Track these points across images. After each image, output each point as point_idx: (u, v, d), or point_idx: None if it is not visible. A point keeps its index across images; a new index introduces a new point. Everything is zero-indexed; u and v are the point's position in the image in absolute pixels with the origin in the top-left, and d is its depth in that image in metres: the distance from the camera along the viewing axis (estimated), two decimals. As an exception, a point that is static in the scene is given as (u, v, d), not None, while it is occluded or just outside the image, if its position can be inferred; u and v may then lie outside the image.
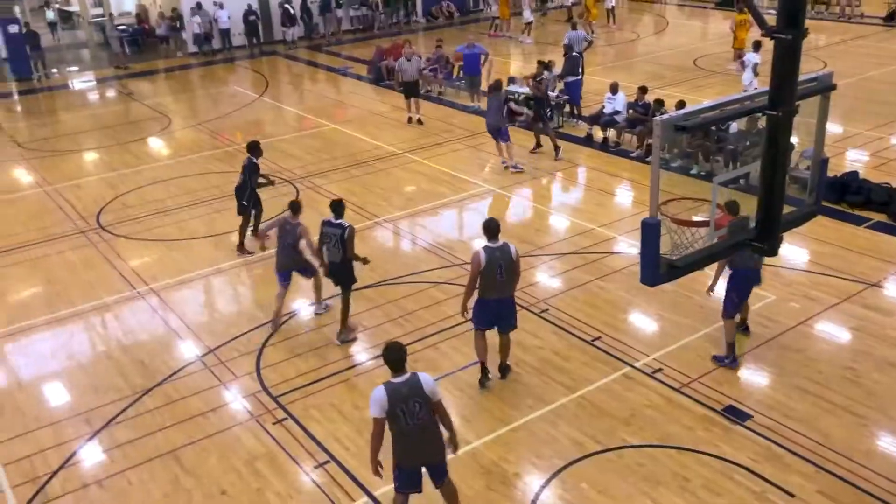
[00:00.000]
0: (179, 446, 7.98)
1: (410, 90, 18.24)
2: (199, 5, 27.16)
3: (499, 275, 8.17)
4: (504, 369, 8.83)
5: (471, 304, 8.47)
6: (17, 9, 25.73)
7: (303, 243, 9.76)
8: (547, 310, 10.19)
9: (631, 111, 16.08)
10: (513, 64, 24.49)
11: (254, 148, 11.92)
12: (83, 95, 24.32)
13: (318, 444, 7.94)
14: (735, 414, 8.10)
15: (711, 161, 14.65)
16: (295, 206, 9.88)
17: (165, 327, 10.30)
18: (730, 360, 8.80)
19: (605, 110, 16.51)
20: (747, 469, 7.34)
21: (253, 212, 12.07)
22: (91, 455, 7.99)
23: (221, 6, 27.28)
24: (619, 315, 10.12)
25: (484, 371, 8.68)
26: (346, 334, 9.68)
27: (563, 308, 10.21)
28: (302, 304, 10.69)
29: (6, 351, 9.97)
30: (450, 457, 6.48)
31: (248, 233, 12.13)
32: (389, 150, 16.69)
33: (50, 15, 31.90)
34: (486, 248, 8.17)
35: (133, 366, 9.44)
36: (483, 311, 8.42)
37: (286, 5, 28.30)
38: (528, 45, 26.97)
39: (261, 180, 12.13)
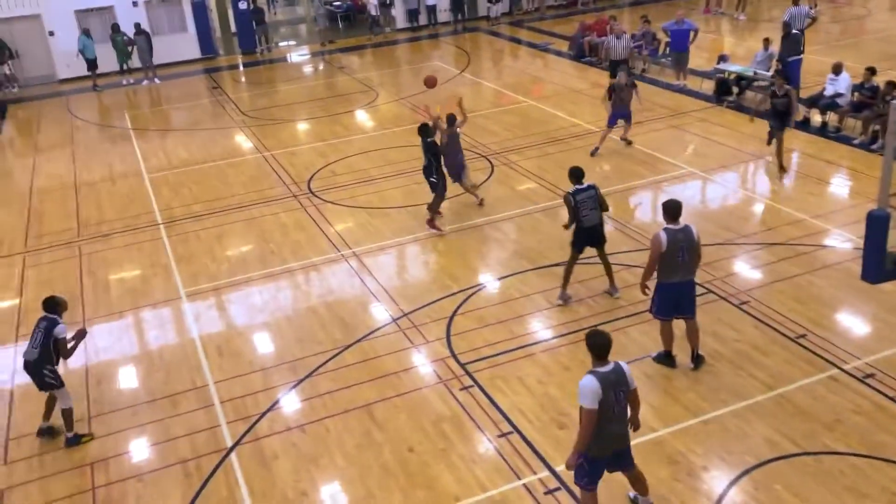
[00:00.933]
0: (373, 401, 8.45)
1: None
2: (409, -18, 28.05)
3: (680, 257, 7.91)
4: (697, 359, 8.51)
5: (650, 291, 8.26)
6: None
7: None
8: (748, 301, 9.68)
9: (856, 94, 14.76)
10: (726, 41, 23.23)
11: (424, 130, 12.11)
12: (299, 68, 25.99)
13: (503, 413, 8.09)
14: (960, 432, 7.31)
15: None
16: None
17: (364, 289, 10.88)
18: None
19: (825, 92, 15.28)
20: (971, 493, 6.62)
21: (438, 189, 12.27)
22: (294, 401, 8.65)
23: (429, -18, 28.03)
24: (829, 313, 9.40)
25: (670, 358, 8.48)
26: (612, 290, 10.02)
27: (766, 301, 9.65)
28: (489, 278, 10.87)
29: (227, 300, 10.97)
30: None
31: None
32: (587, 127, 16.46)
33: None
34: (666, 230, 7.93)
35: (334, 322, 10.07)
36: (665, 296, 8.17)
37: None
38: (741, 22, 25.45)
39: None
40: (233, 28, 28.38)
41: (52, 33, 24.62)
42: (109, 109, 22.04)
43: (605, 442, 6.07)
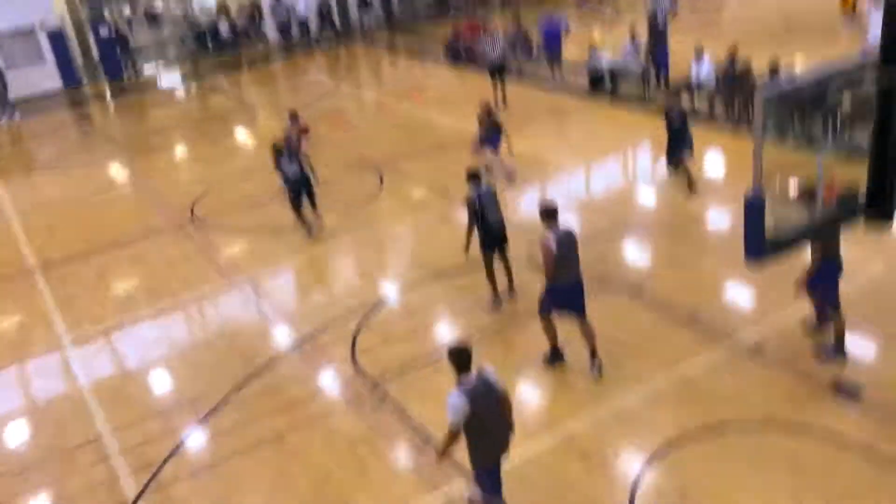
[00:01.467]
0: (283, 432, 8.18)
1: (497, 71, 17.95)
2: (277, -2, 27.62)
3: (569, 257, 8.00)
4: (594, 357, 8.40)
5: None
6: (106, 12, 26.71)
7: None
8: (641, 288, 9.97)
9: (719, 76, 15.51)
10: (596, 33, 24.00)
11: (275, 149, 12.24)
12: (171, 92, 25.11)
13: (416, 428, 7.99)
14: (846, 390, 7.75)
15: (807, 125, 13.99)
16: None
17: (261, 315, 10.57)
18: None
19: (691, 76, 16.00)
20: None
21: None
22: (199, 442, 8.28)
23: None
24: (717, 291, 9.81)
25: (558, 354, 8.56)
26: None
27: (658, 287, 9.96)
28: (390, 291, 10.78)
29: (115, 342, 10.41)
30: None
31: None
32: (472, 131, 16.55)
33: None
34: (553, 231, 7.96)
35: (233, 353, 9.72)
36: (556, 297, 8.19)
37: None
38: (609, 14, 26.36)
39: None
40: (95, 55, 27.13)
41: None
42: (-34, 151, 20.64)
43: (491, 450, 6.08)
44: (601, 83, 17.89)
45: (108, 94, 25.24)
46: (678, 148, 12.30)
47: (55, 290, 11.89)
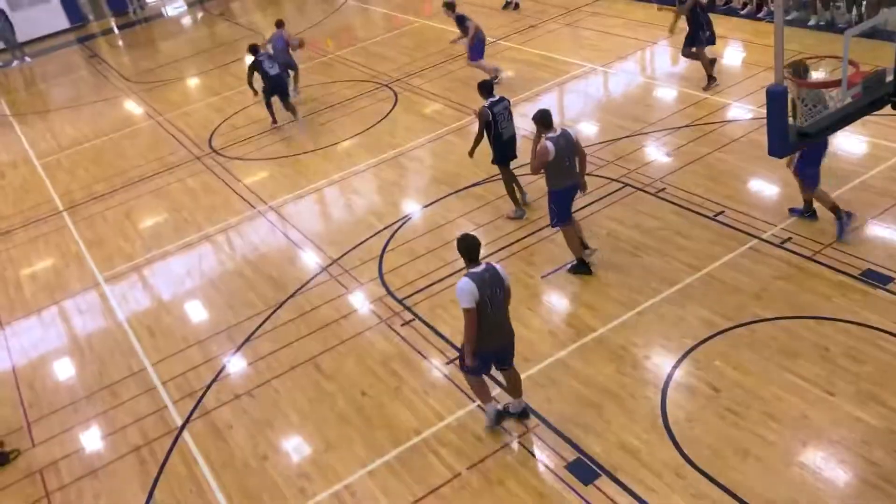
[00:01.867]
0: (317, 354, 8.39)
1: None
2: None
3: (567, 161, 8.11)
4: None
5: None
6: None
7: None
8: (664, 189, 9.88)
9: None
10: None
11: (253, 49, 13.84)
12: (178, 23, 24.72)
13: (447, 340, 8.15)
14: (874, 278, 7.72)
15: (832, 8, 13.49)
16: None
17: (288, 242, 10.67)
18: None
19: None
20: (891, 333, 7.04)
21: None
22: (238, 368, 8.52)
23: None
24: (741, 186, 9.70)
25: (584, 265, 8.60)
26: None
27: (682, 185, 9.87)
28: (412, 209, 10.80)
29: (148, 277, 10.62)
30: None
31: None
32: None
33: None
34: (549, 138, 8.00)
35: (264, 281, 9.89)
36: (562, 202, 8.32)
37: None
38: None
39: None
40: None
41: None
42: (-19, 97, 20.65)
43: (488, 335, 6.32)
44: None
45: (115, 28, 24.91)
46: (693, 37, 11.92)
47: (83, 231, 12.07)
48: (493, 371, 6.82)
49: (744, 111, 11.25)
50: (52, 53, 23.16)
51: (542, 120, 8.10)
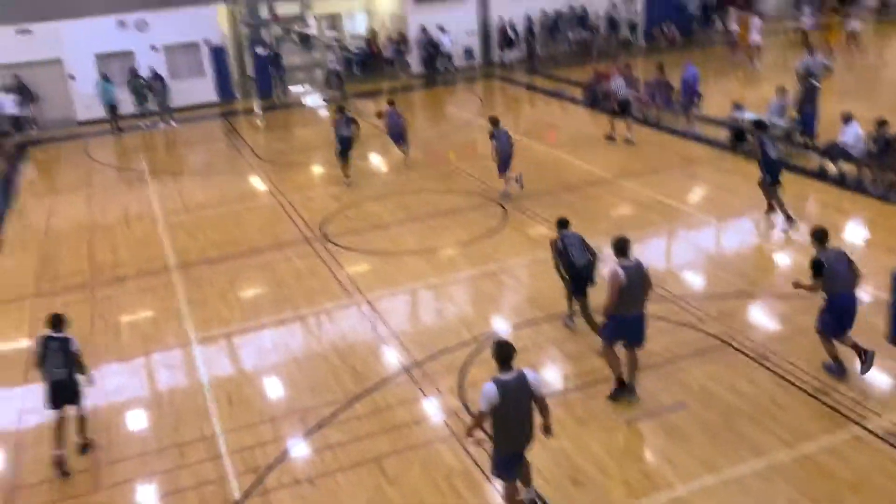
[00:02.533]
0: (384, 454, 8.28)
1: (623, 109, 18.22)
2: (423, 30, 28.49)
3: (637, 291, 8.38)
4: (631, 389, 8.77)
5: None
6: (264, 32, 28.29)
7: None
8: (766, 355, 9.50)
9: (869, 144, 14.70)
10: (741, 89, 23.31)
11: None
12: (314, 112, 26.23)
13: (516, 469, 7.89)
14: None
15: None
16: None
17: (376, 336, 10.78)
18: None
19: (838, 142, 15.24)
20: None
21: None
22: (304, 453, 8.50)
23: (443, 31, 28.43)
24: (851, 369, 9.20)
25: (624, 385, 8.74)
26: None
27: (786, 355, 9.46)
28: (503, 326, 10.76)
29: (238, 346, 10.89)
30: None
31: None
32: (600, 175, 16.46)
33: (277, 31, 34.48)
34: (622, 265, 8.34)
35: (346, 370, 9.96)
36: (618, 327, 8.54)
37: (506, 28, 28.88)
38: (755, 70, 25.56)
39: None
40: (250, 72, 28.72)
41: (72, 77, 25.04)
42: (126, 152, 22.30)
43: (510, 439, 6.68)
44: (743, 138, 17.33)
45: (257, 109, 26.65)
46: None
47: (189, 291, 12.59)
48: None
49: (861, 291, 10.80)
50: (197, 122, 24.93)
51: (619, 247, 8.45)
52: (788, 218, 12.91)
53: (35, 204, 18.23)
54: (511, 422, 6.52)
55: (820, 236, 8.81)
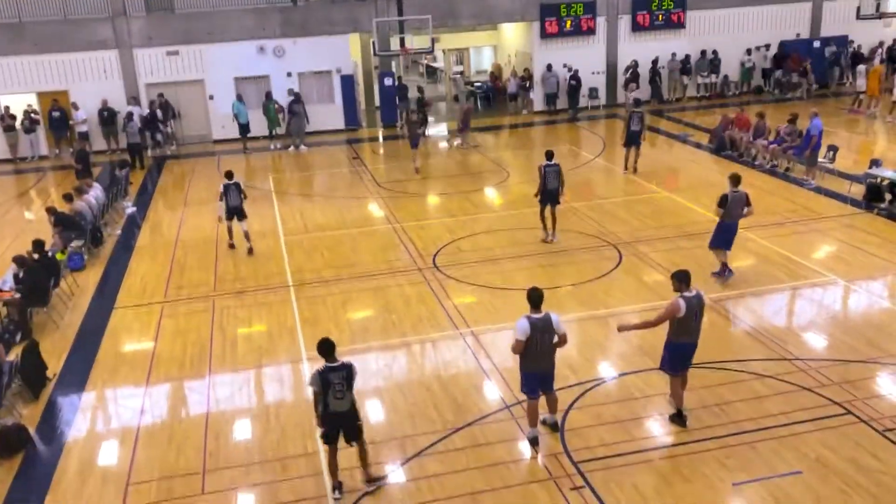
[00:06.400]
0: (479, 490, 8.23)
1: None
2: (549, 67, 28.61)
3: (695, 320, 8.80)
4: (681, 416, 9.15)
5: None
6: (393, 64, 29.16)
7: None
8: (893, 429, 8.87)
9: None
10: (877, 145, 22.15)
11: None
12: (436, 144, 26.70)
13: (613, 521, 7.69)
14: None
15: None
16: None
17: (479, 369, 10.78)
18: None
19: None
20: None
21: None
22: (401, 480, 8.55)
23: (569, 68, 28.46)
24: None
25: (681, 417, 9.15)
26: None
27: (915, 430, 8.83)
28: (610, 373, 10.53)
29: (344, 367, 11.11)
30: None
31: None
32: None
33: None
34: (684, 297, 8.68)
35: (447, 401, 9.99)
36: (677, 354, 8.99)
37: (631, 69, 28.61)
38: (894, 124, 24.23)
39: None
40: (376, 102, 29.63)
41: (211, 97, 26.56)
42: (255, 171, 23.36)
43: (533, 363, 8.62)
44: (879, 195, 16.43)
45: (380, 137, 27.41)
46: None
47: (303, 309, 13.00)
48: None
49: None
50: (323, 147, 25.88)
51: (681, 278, 8.77)
52: None
53: (167, 215, 19.34)
54: (535, 350, 8.43)
55: None
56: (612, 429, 9.19)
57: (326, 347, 8.13)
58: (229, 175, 15.80)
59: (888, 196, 16.44)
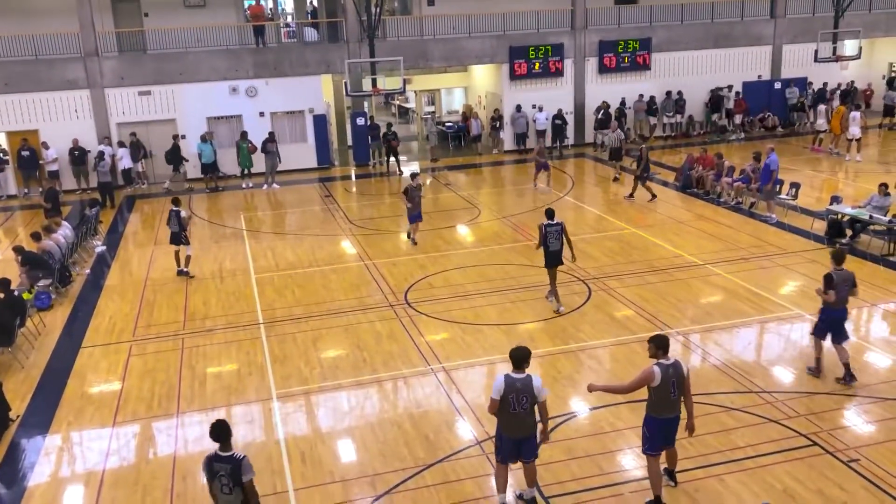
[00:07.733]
0: (450, 527, 8.18)
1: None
2: (518, 108, 29.07)
3: (673, 393, 8.00)
4: (672, 475, 8.67)
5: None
6: (365, 104, 29.43)
7: None
8: (858, 459, 9.01)
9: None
10: (840, 183, 22.71)
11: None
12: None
13: (585, 555, 7.68)
14: None
15: None
16: None
17: (450, 406, 10.77)
18: None
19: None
20: None
21: None
22: (371, 517, 8.49)
23: (540, 109, 28.95)
24: (951, 481, 8.63)
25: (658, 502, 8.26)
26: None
27: (881, 461, 8.95)
28: (580, 408, 10.58)
29: (314, 403, 11.07)
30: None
31: None
32: (689, 259, 16.21)
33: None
34: (659, 364, 7.98)
35: (418, 438, 9.96)
36: (657, 431, 8.17)
37: (603, 110, 29.15)
38: (856, 163, 24.89)
39: None
40: (349, 141, 29.79)
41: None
42: (227, 210, 23.32)
43: (508, 427, 8.01)
44: (840, 231, 16.82)
45: (353, 176, 27.55)
46: None
47: (273, 347, 12.93)
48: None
49: (966, 399, 10.19)
50: (295, 185, 25.93)
51: (659, 343, 8.06)
52: None
53: (137, 253, 19.21)
54: (510, 412, 7.84)
55: None
56: (582, 463, 9.22)
57: (219, 432, 6.80)
58: (175, 202, 16.32)
59: (849, 232, 16.83)
